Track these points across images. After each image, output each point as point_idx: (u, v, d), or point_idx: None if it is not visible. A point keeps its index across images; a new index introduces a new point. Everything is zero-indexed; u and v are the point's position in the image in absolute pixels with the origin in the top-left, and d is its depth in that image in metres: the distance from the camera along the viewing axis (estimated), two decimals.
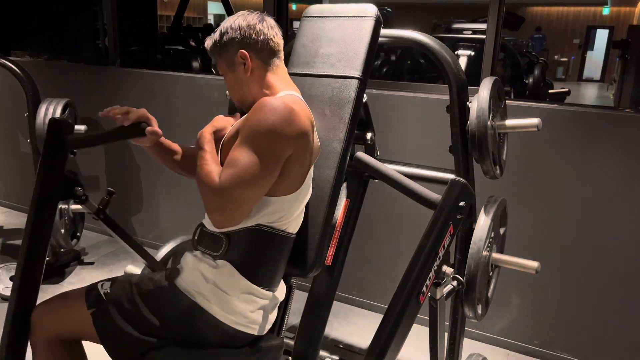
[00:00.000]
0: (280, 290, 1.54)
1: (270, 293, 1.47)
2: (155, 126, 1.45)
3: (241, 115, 1.53)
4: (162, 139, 1.56)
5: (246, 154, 1.31)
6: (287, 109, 1.33)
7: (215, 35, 1.49)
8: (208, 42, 1.52)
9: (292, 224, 1.47)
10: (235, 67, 1.47)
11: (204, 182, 1.33)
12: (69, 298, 1.54)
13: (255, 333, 1.44)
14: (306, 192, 1.48)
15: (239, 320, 1.40)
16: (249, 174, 1.30)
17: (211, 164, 1.36)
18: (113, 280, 1.52)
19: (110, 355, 1.46)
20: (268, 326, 1.50)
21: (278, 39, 1.50)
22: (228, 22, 1.48)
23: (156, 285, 1.45)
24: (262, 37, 1.46)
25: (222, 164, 1.39)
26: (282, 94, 1.46)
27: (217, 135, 1.48)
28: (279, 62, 1.51)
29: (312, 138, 1.43)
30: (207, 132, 1.45)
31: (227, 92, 1.57)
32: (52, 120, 1.50)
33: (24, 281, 1.54)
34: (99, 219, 1.68)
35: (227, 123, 1.51)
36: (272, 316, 1.52)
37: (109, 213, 1.71)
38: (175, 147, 1.63)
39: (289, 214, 1.43)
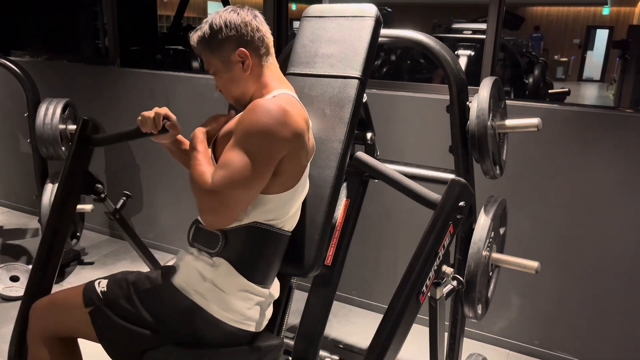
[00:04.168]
0: (275, 287, 1.55)
1: (266, 290, 1.47)
2: (175, 122, 1.52)
3: (236, 113, 1.53)
4: (180, 137, 1.61)
5: (239, 156, 1.31)
6: (281, 111, 1.33)
7: (205, 31, 1.44)
8: (195, 38, 1.47)
9: (288, 222, 1.48)
10: (231, 65, 1.45)
11: (196, 183, 1.34)
12: (66, 296, 1.55)
13: (253, 330, 1.45)
14: (302, 190, 1.48)
15: (237, 318, 1.40)
16: (241, 176, 1.30)
17: (204, 165, 1.37)
18: (110, 278, 1.52)
19: (109, 354, 1.46)
20: (265, 323, 1.51)
21: (270, 35, 1.50)
22: (220, 19, 1.44)
23: (153, 284, 1.45)
24: (258, 34, 1.45)
25: (216, 160, 1.39)
26: (276, 92, 1.45)
27: (211, 133, 1.49)
28: (272, 60, 1.51)
29: (307, 137, 1.43)
30: (199, 132, 1.46)
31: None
32: (84, 120, 1.67)
33: (41, 270, 1.64)
34: (115, 219, 1.72)
35: (220, 121, 1.51)
36: (269, 313, 1.53)
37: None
38: None
39: (285, 212, 1.44)
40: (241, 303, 1.41)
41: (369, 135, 1.97)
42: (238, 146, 1.33)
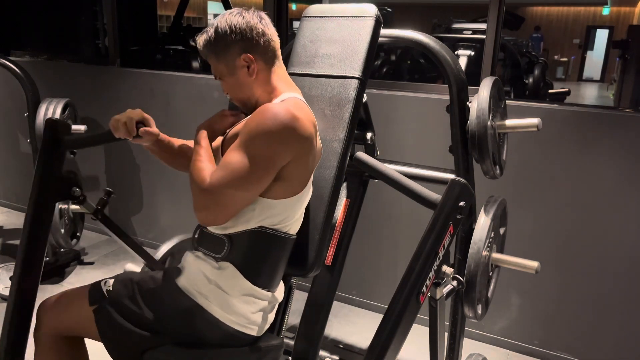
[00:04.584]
0: (280, 291, 1.54)
1: (270, 294, 1.47)
2: (152, 126, 1.44)
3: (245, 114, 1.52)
4: (163, 135, 1.55)
5: (240, 157, 1.31)
6: (288, 116, 1.32)
7: (210, 35, 1.42)
8: (200, 42, 1.45)
9: (294, 226, 1.47)
10: (236, 70, 1.43)
11: (194, 179, 1.34)
12: (73, 294, 1.55)
13: (255, 334, 1.44)
14: (307, 193, 1.48)
15: (240, 320, 1.40)
16: (238, 179, 1.30)
17: (204, 161, 1.36)
18: (115, 277, 1.53)
19: (110, 354, 1.46)
20: (267, 327, 1.51)
21: (276, 38, 1.47)
22: (225, 22, 1.41)
23: (157, 284, 1.46)
24: (264, 38, 1.43)
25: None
26: (285, 96, 1.44)
27: (216, 129, 1.47)
28: (279, 63, 1.49)
29: (315, 142, 1.41)
30: (204, 127, 1.45)
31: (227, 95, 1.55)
32: (49, 121, 1.51)
33: (23, 281, 1.55)
34: (97, 219, 1.68)
35: (228, 119, 1.50)
36: (271, 317, 1.52)
37: (109, 213, 1.72)
38: (176, 143, 1.63)
39: (291, 216, 1.43)
40: (245, 306, 1.40)
41: (369, 135, 1.97)
42: (241, 148, 1.32)
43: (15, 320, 1.54)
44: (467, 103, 1.85)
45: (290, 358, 1.93)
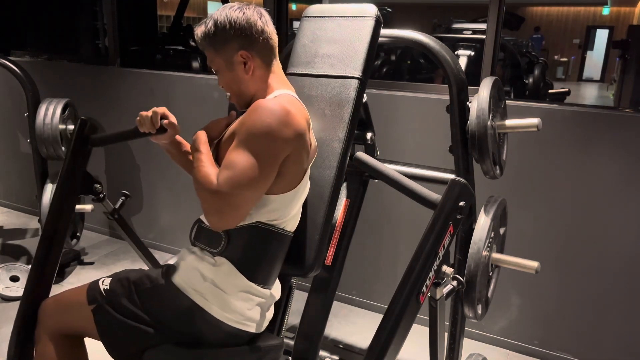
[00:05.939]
0: (276, 289, 1.55)
1: (267, 291, 1.47)
2: (174, 121, 1.50)
3: (236, 114, 1.53)
4: (180, 138, 1.60)
5: (243, 156, 1.31)
6: (283, 111, 1.33)
7: (209, 28, 1.43)
8: (199, 33, 1.45)
9: (290, 222, 1.48)
10: (233, 66, 1.44)
11: (201, 185, 1.33)
12: (72, 294, 1.56)
13: (253, 331, 1.44)
14: (303, 190, 1.48)
15: (237, 318, 1.40)
16: (246, 177, 1.30)
17: (208, 166, 1.36)
18: (113, 276, 1.53)
19: (109, 353, 1.47)
20: (265, 324, 1.51)
21: (275, 36, 1.48)
22: (225, 17, 1.41)
23: (153, 283, 1.46)
24: (263, 36, 1.44)
25: (219, 164, 1.39)
26: (277, 93, 1.45)
27: (213, 136, 1.48)
28: (276, 61, 1.50)
29: (308, 137, 1.43)
30: (202, 134, 1.45)
31: (227, 93, 1.55)
32: (82, 120, 1.67)
33: (40, 271, 1.64)
34: (113, 219, 1.72)
35: (221, 124, 1.51)
36: (269, 314, 1.53)
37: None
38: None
39: (287, 212, 1.44)
40: (241, 304, 1.41)
41: (369, 135, 1.97)
42: (242, 147, 1.32)
43: (27, 313, 1.60)
44: (467, 103, 1.85)
45: (290, 358, 1.93)
